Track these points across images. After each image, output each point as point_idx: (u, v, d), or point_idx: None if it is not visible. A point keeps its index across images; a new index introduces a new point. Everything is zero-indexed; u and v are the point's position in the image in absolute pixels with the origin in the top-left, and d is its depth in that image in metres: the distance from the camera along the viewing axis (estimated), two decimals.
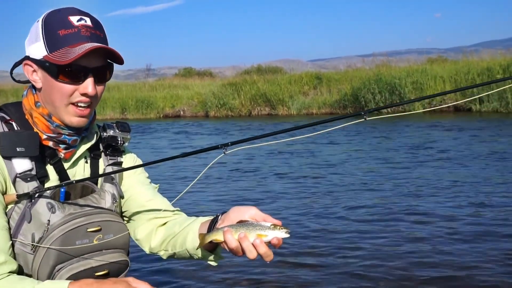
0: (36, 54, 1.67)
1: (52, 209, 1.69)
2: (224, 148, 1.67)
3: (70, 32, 1.63)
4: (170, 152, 12.59)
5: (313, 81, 25.44)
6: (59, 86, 1.67)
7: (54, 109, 1.71)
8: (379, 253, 4.65)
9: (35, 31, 1.68)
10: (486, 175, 7.85)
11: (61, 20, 1.65)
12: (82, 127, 1.78)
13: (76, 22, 1.65)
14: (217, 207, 6.35)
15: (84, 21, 1.67)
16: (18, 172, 1.67)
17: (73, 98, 1.68)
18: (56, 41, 1.64)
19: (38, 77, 1.70)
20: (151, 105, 27.49)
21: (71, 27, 1.64)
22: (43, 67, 1.67)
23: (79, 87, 1.68)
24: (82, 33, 1.64)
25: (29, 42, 1.71)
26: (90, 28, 1.67)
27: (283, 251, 4.67)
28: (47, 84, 1.69)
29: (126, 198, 1.95)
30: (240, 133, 16.48)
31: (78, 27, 1.65)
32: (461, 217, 5.63)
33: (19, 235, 1.68)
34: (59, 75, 1.65)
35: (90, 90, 1.67)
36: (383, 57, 26.91)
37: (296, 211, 6.18)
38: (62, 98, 1.68)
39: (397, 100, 21.21)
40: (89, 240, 1.71)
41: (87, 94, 1.68)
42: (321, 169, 9.06)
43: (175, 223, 1.91)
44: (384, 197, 6.73)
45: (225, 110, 25.70)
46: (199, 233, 1.73)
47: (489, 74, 20.05)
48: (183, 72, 43.42)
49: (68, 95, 1.68)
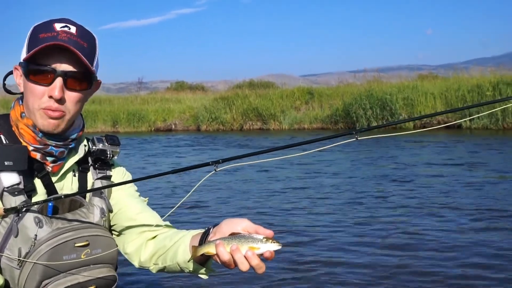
0: (21, 58, 1.70)
1: (40, 223, 1.67)
2: (215, 165, 1.66)
3: (49, 35, 1.64)
4: (161, 166, 12.54)
5: (305, 96, 25.53)
6: (30, 87, 1.68)
7: (30, 115, 1.71)
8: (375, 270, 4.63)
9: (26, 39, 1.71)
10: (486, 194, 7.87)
11: (46, 25, 1.68)
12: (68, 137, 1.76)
13: (59, 28, 1.66)
14: (207, 221, 6.32)
15: (67, 28, 1.67)
16: (5, 186, 1.66)
17: (42, 102, 1.67)
18: (34, 43, 1.64)
19: (22, 80, 1.73)
20: (143, 119, 27.44)
21: (51, 31, 1.65)
22: (22, 68, 1.70)
23: (47, 89, 1.66)
24: (60, 37, 1.64)
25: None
26: (70, 35, 1.66)
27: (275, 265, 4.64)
28: (24, 87, 1.71)
29: (115, 211, 1.92)
30: (232, 148, 16.46)
31: (58, 32, 1.65)
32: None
33: (6, 250, 1.66)
34: (29, 74, 1.66)
35: (56, 93, 1.65)
36: (374, 73, 27.11)
37: (284, 225, 6.17)
38: (34, 100, 1.68)
39: (388, 116, 21.35)
40: (77, 255, 1.69)
41: (53, 97, 1.65)
42: (312, 183, 9.07)
43: (165, 237, 1.89)
44: (379, 215, 6.73)
45: (217, 124, 25.70)
46: (191, 245, 1.72)
47: (479, 91, 20.21)
48: (175, 86, 43.48)
49: (38, 96, 1.67)
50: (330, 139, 1.75)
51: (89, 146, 1.90)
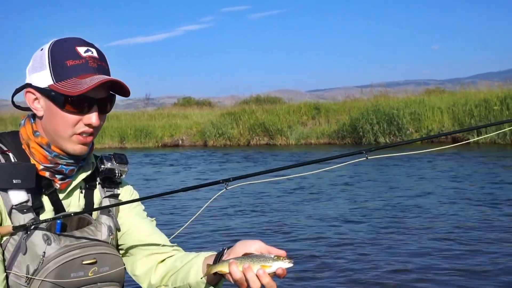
0: (40, 83, 1.66)
1: (48, 241, 1.66)
2: (225, 183, 1.67)
3: (78, 63, 1.63)
4: (169, 183, 12.52)
5: (312, 112, 25.55)
6: (63, 116, 1.66)
7: (56, 138, 1.70)
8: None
9: (40, 59, 1.67)
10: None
11: (68, 50, 1.65)
12: (81, 157, 1.77)
13: (84, 53, 1.66)
14: (218, 241, 6.31)
15: (91, 52, 1.67)
16: (14, 203, 1.65)
17: (77, 129, 1.68)
18: (63, 71, 1.63)
19: (40, 105, 1.69)
20: (150, 134, 27.55)
21: (78, 58, 1.64)
22: (47, 96, 1.66)
23: (84, 117, 1.67)
24: (90, 64, 1.65)
25: (32, 70, 1.70)
26: (96, 60, 1.67)
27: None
28: (50, 113, 1.68)
29: (123, 231, 1.91)
30: (240, 164, 16.44)
31: (86, 58, 1.65)
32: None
33: (14, 267, 1.65)
34: (65, 105, 1.64)
35: (94, 120, 1.67)
36: (381, 87, 27.15)
37: (300, 242, 6.14)
38: (67, 127, 1.67)
39: (396, 131, 21.34)
40: (84, 273, 1.69)
41: (91, 125, 1.68)
42: (320, 200, 9.04)
43: (176, 259, 1.88)
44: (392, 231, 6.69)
45: (224, 140, 25.75)
46: (206, 263, 1.72)
47: (486, 106, 20.19)
48: (182, 102, 43.63)
49: (72, 125, 1.67)
50: (340, 157, 1.76)
51: (97, 164, 1.90)
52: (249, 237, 6.41)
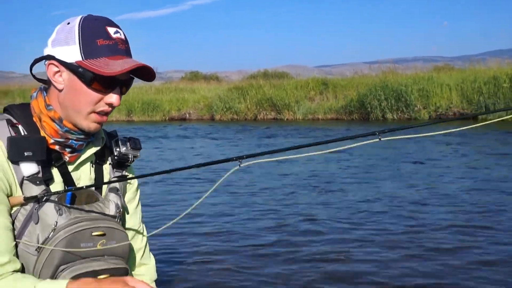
0: (66, 57, 1.68)
1: (60, 211, 1.72)
2: (239, 160, 1.69)
3: (108, 43, 1.67)
4: (179, 158, 12.51)
5: (319, 87, 25.46)
6: (87, 93, 1.69)
7: (73, 113, 1.73)
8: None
9: (67, 33, 1.69)
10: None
11: (99, 29, 1.68)
12: (89, 132, 1.80)
13: (113, 34, 1.69)
14: (226, 217, 6.36)
15: (119, 34, 1.71)
16: (25, 175, 1.70)
17: (97, 107, 1.72)
18: (93, 49, 1.66)
19: (63, 78, 1.71)
20: (157, 108, 27.57)
21: (108, 39, 1.67)
22: (74, 72, 1.67)
23: (106, 96, 1.72)
24: (119, 46, 1.69)
25: (57, 43, 1.71)
26: (124, 42, 1.72)
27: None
28: (73, 88, 1.70)
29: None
30: (250, 139, 16.42)
31: (115, 40, 1.69)
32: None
33: (24, 237, 1.71)
34: (93, 82, 1.67)
35: (115, 100, 1.73)
36: (390, 64, 26.93)
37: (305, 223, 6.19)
38: (88, 104, 1.71)
39: (403, 107, 21.26)
40: (93, 244, 1.74)
41: (111, 104, 1.73)
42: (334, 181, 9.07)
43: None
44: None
45: (231, 114, 25.76)
46: None
47: (495, 83, 20.03)
48: (190, 76, 43.52)
49: (94, 102, 1.71)
50: (353, 138, 1.77)
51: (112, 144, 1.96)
52: (255, 212, 6.47)
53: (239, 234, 5.42)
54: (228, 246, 5.00)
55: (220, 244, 5.09)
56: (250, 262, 4.55)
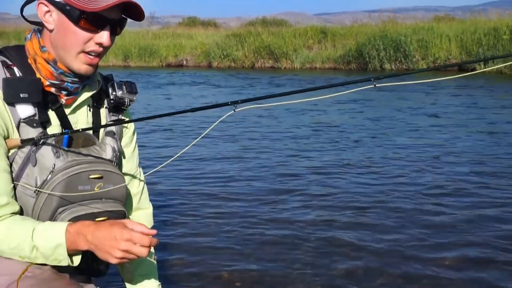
0: None
1: (57, 154, 1.71)
2: (234, 105, 1.68)
3: None
4: (174, 104, 12.55)
5: (318, 35, 25.15)
6: (76, 32, 1.66)
7: (63, 54, 1.70)
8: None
9: None
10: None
11: None
12: (86, 75, 1.78)
13: None
14: (220, 164, 6.44)
15: None
16: (22, 117, 1.68)
17: (87, 47, 1.69)
18: None
19: (52, 18, 1.68)
20: (154, 54, 27.25)
21: None
22: (62, 10, 1.64)
23: (95, 36, 1.68)
24: None
25: None
26: None
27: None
28: (62, 27, 1.67)
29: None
30: (246, 86, 16.38)
31: None
32: None
33: (22, 179, 1.71)
34: (79, 20, 1.64)
35: (105, 40, 1.68)
36: (390, 13, 26.58)
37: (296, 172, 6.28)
38: (77, 44, 1.67)
39: (402, 57, 21.10)
40: (91, 187, 1.74)
41: (101, 44, 1.69)
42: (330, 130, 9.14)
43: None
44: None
45: (228, 61, 25.55)
46: None
47: (495, 35, 19.83)
48: (187, 22, 42.89)
49: (83, 42, 1.67)
50: (348, 84, 1.79)
51: (108, 88, 1.93)
52: (248, 159, 6.56)
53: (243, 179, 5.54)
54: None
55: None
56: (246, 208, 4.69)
